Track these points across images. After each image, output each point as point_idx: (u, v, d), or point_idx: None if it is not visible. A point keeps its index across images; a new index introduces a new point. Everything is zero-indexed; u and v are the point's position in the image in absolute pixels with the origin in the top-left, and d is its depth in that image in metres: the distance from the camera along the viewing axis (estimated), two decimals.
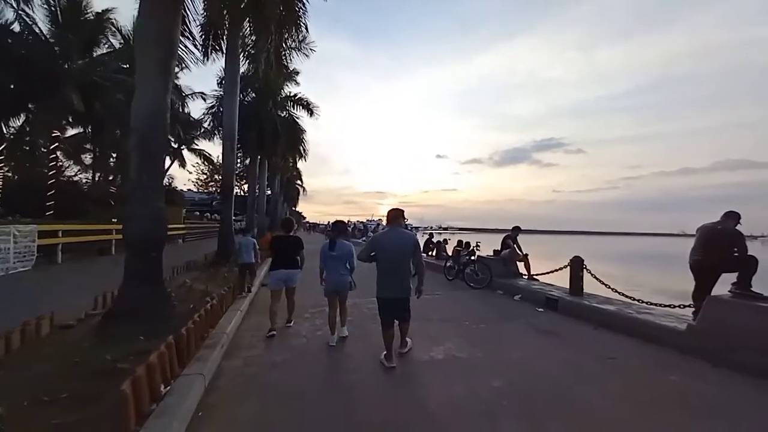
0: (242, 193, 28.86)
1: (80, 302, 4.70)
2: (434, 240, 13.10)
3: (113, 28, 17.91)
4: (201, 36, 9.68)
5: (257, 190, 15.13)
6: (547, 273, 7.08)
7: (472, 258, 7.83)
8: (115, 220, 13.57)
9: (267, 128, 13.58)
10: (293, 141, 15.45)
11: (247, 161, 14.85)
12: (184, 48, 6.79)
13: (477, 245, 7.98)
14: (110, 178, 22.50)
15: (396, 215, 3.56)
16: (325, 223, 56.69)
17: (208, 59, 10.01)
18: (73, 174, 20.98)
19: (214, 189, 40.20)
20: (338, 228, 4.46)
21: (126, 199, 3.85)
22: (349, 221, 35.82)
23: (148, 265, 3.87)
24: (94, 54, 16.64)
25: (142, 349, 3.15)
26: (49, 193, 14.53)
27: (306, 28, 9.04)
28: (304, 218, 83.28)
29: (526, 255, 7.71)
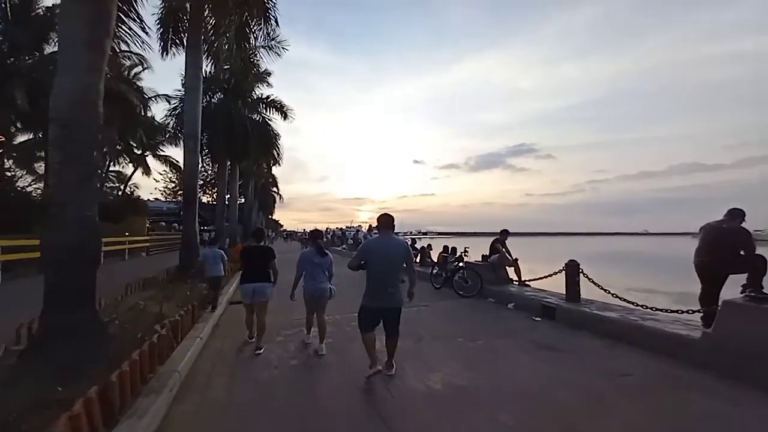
0: (213, 201, 27.23)
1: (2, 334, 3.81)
2: (417, 246, 12.63)
3: None
4: (159, 29, 8.83)
5: (227, 197, 14.05)
6: (540, 279, 6.73)
7: (461, 264, 7.39)
8: None
9: (236, 130, 12.63)
10: (266, 144, 14.51)
11: (217, 167, 13.80)
12: (128, 31, 5.95)
13: (465, 251, 7.55)
14: None
15: (387, 221, 3.34)
16: (301, 230, 55.29)
17: (167, 54, 9.13)
18: (26, 184, 19.03)
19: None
20: (316, 236, 4.44)
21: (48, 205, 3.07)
22: (327, 228, 35.04)
23: (76, 287, 3.09)
24: (45, 52, 15.23)
25: (59, 400, 2.42)
26: None
27: (276, 22, 8.40)
28: (281, 226, 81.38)
29: (516, 260, 7.35)
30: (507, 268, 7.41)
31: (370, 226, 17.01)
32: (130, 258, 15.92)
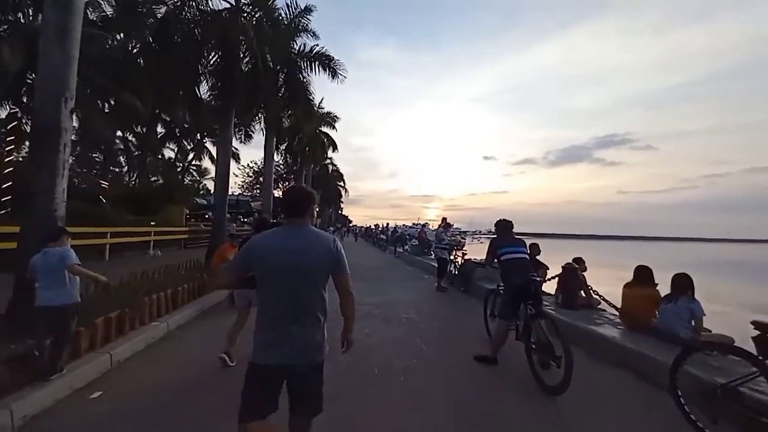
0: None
1: None
2: (539, 257, 6.34)
3: None
4: None
5: (221, 175, 8.91)
6: None
7: None
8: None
9: (238, 66, 8.06)
10: (294, 94, 9.64)
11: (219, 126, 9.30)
12: None
13: None
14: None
15: (298, 198, 1.65)
16: (374, 226, 52.10)
17: None
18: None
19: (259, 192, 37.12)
20: (261, 224, 3.70)
21: None
22: (387, 225, 31.16)
23: None
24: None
25: None
26: (4, 186, 10.94)
27: None
28: (350, 222, 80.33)
29: None
30: None
31: (443, 219, 10.30)
32: (157, 251, 13.89)
